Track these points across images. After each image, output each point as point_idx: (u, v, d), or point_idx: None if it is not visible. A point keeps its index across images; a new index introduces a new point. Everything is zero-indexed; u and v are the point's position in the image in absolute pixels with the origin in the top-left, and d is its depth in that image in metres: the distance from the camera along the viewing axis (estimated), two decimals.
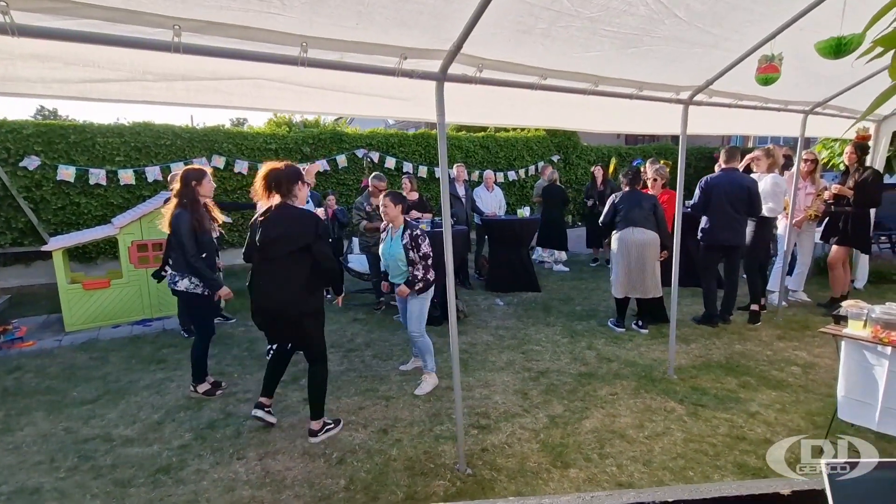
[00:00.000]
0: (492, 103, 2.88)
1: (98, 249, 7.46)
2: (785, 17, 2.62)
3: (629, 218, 4.58)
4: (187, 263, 3.34)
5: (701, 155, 13.88)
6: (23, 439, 3.06)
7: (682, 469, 2.61)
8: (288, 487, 2.54)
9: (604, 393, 3.51)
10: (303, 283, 2.79)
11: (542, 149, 11.59)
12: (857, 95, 4.10)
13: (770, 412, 3.18)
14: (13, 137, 6.80)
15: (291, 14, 1.84)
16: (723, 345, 4.40)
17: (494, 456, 2.77)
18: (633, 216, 4.57)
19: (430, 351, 3.67)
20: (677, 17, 2.36)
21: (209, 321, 3.64)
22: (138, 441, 3.02)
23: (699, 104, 3.41)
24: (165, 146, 7.75)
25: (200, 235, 3.36)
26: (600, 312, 5.46)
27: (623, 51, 2.59)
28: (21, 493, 2.54)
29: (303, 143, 8.87)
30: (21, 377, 4.03)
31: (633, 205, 4.61)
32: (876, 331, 2.48)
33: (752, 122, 4.33)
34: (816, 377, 3.69)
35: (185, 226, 3.29)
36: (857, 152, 5.08)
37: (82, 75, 1.89)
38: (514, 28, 2.21)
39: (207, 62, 1.94)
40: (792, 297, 5.64)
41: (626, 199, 4.67)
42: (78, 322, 5.21)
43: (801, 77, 3.43)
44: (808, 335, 4.56)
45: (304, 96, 2.37)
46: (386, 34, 2.07)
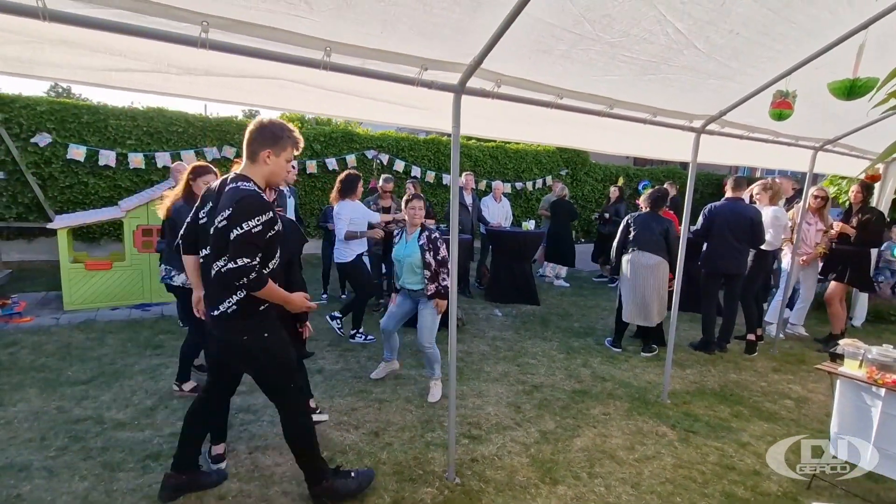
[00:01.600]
0: (508, 118, 2.90)
1: (102, 230, 7.50)
2: (801, 55, 2.65)
3: (639, 241, 4.58)
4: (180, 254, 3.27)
5: (708, 181, 13.94)
6: (14, 415, 3.07)
7: (671, 494, 2.61)
8: (276, 483, 2.55)
9: (596, 412, 3.51)
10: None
11: (550, 162, 11.64)
12: (868, 135, 4.12)
13: (761, 444, 3.18)
14: (27, 113, 6.85)
15: (317, 18, 1.87)
16: (718, 372, 4.40)
17: (484, 467, 2.78)
18: (643, 239, 4.56)
19: (439, 360, 3.66)
20: (696, 48, 2.39)
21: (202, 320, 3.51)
22: (130, 425, 3.03)
23: (711, 133, 3.43)
24: (177, 133, 7.80)
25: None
26: (598, 330, 5.46)
27: (640, 77, 2.62)
28: (10, 469, 2.55)
29: (314, 140, 8.92)
30: (17, 353, 4.04)
31: (645, 227, 4.60)
32: (871, 371, 2.49)
33: (762, 154, 4.36)
34: (809, 412, 3.69)
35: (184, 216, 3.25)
36: (863, 192, 5.11)
37: (107, 63, 1.92)
38: (534, 47, 2.24)
39: (230, 59, 1.96)
40: (790, 330, 5.65)
41: (640, 221, 4.67)
42: (77, 301, 5.23)
43: (813, 113, 3.46)
44: (803, 369, 4.56)
45: (323, 99, 2.40)
46: (408, 44, 2.10)
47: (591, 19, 2.10)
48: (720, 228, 4.61)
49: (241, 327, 2.15)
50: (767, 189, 4.95)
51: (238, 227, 1.97)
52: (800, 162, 4.58)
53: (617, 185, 8.48)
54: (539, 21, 2.06)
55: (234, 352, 2.24)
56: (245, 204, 2.00)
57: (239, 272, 1.96)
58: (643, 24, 2.17)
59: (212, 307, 2.17)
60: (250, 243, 1.99)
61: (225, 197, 2.08)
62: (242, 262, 1.96)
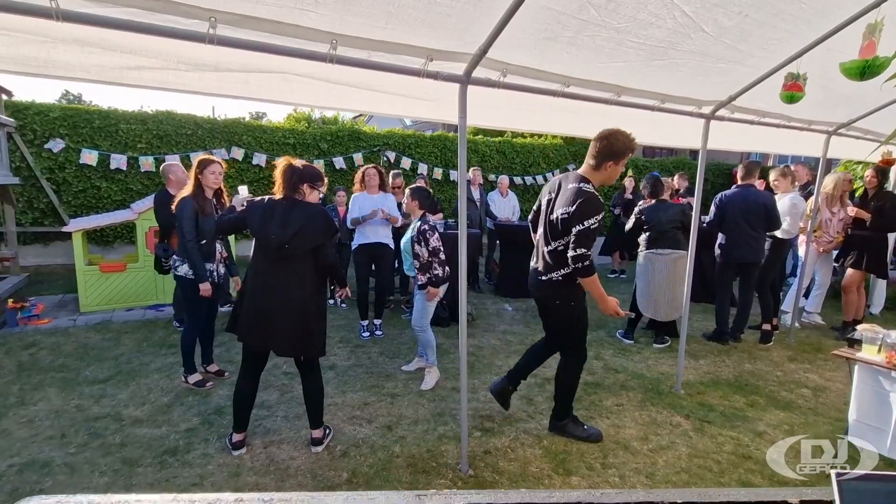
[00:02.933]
0: (514, 108, 2.90)
1: (116, 233, 7.62)
2: (812, 36, 2.61)
3: (654, 237, 4.54)
4: (182, 247, 3.32)
5: (719, 171, 13.76)
6: (36, 414, 3.14)
7: (686, 484, 2.59)
8: (291, 476, 2.57)
9: (609, 403, 3.49)
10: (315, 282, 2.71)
11: (558, 157, 11.58)
12: (883, 118, 4.05)
13: (777, 433, 3.14)
14: (40, 120, 6.98)
15: (323, 11, 1.88)
16: (732, 363, 4.35)
17: (497, 459, 2.78)
18: (658, 234, 4.51)
19: (432, 346, 3.70)
20: (704, 31, 2.36)
21: (200, 311, 3.54)
22: (147, 422, 3.08)
23: (721, 119, 3.39)
24: (186, 135, 7.89)
25: (202, 221, 3.33)
26: (609, 323, 5.42)
27: (648, 62, 2.59)
28: (32, 465, 2.60)
29: (321, 140, 8.96)
30: (36, 353, 4.12)
31: (658, 220, 4.53)
32: (890, 356, 2.45)
33: (773, 140, 4.29)
34: (826, 400, 3.64)
35: (187, 210, 3.29)
36: (878, 176, 5.02)
37: (119, 62, 1.95)
38: (539, 35, 2.23)
39: (238, 54, 1.98)
40: (806, 318, 5.57)
41: (652, 212, 4.62)
42: (93, 303, 5.31)
43: (825, 96, 3.40)
44: (820, 358, 4.50)
45: (330, 92, 2.41)
46: (413, 35, 2.10)
47: (596, 4, 2.08)
48: (733, 217, 4.53)
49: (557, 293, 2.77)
50: (787, 175, 4.88)
51: (581, 223, 2.49)
52: (813, 147, 4.51)
53: (630, 176, 8.30)
54: (544, 8, 2.05)
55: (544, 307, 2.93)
56: (585, 206, 2.49)
57: (579, 258, 2.52)
58: (649, 7, 2.15)
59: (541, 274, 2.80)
60: (589, 237, 2.51)
61: (568, 193, 2.59)
62: (581, 251, 2.51)
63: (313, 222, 2.63)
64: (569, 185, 2.64)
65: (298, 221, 2.59)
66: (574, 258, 2.52)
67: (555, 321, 2.96)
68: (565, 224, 2.56)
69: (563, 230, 2.59)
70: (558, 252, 2.66)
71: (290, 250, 2.58)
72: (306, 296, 2.66)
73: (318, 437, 2.84)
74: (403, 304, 5.76)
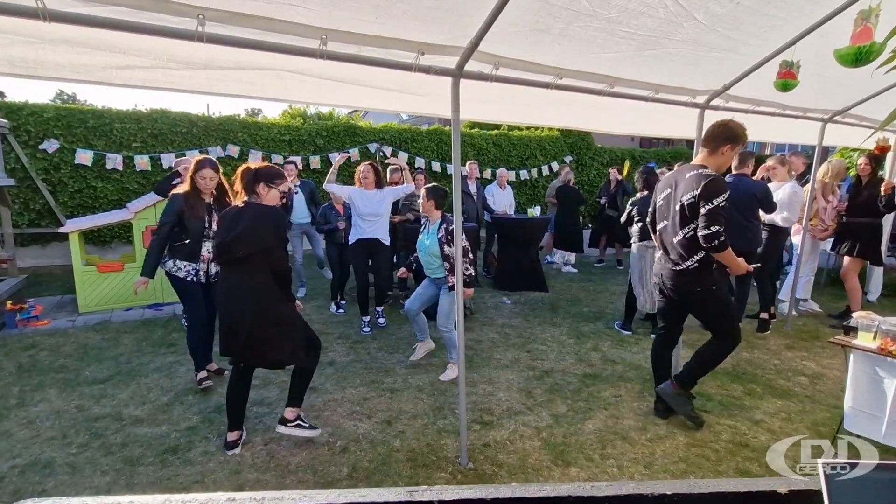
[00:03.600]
0: (507, 101, 2.89)
1: (113, 233, 7.59)
2: (805, 23, 2.60)
3: (646, 230, 4.53)
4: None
5: None
6: (36, 415, 3.15)
7: (684, 473, 2.61)
8: (292, 472, 2.59)
9: (607, 394, 3.51)
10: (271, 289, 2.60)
11: (555, 149, 11.54)
12: (878, 104, 4.03)
13: (775, 421, 3.16)
14: (34, 120, 6.94)
15: (312, 6, 1.86)
16: None
17: (496, 451, 2.80)
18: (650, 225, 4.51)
19: (455, 344, 3.71)
20: (696, 20, 2.35)
21: (193, 307, 3.50)
22: (147, 421, 3.09)
23: (716, 109, 3.38)
24: (181, 133, 7.85)
25: (188, 221, 3.31)
26: (607, 314, 5.45)
27: (640, 52, 2.58)
28: (34, 465, 2.61)
29: (316, 136, 8.93)
30: (36, 355, 4.13)
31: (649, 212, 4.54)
32: (886, 343, 2.46)
33: (769, 128, 4.28)
34: (824, 388, 3.66)
35: (172, 206, 3.29)
36: (872, 163, 5.02)
37: (108, 61, 1.94)
38: (531, 27, 2.22)
39: (228, 52, 1.97)
40: (803, 307, 5.59)
41: (644, 204, 4.60)
42: (92, 303, 5.31)
43: (821, 84, 3.39)
44: (817, 345, 4.52)
45: (322, 88, 2.40)
46: (404, 29, 2.09)
47: None
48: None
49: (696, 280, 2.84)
50: (784, 163, 4.87)
51: (709, 202, 2.60)
52: (809, 135, 4.50)
53: (617, 168, 8.30)
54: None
55: (688, 299, 2.96)
56: (711, 186, 2.61)
57: (713, 236, 2.62)
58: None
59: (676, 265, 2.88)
60: (718, 215, 2.61)
61: (689, 180, 2.72)
62: (714, 229, 2.61)
63: (259, 224, 2.54)
64: (687, 175, 2.78)
65: (243, 223, 2.52)
66: (707, 237, 2.63)
67: (703, 309, 3.01)
68: (693, 208, 2.68)
69: (692, 215, 2.71)
70: (687, 239, 2.78)
71: (230, 253, 2.54)
72: (259, 303, 2.57)
73: (286, 417, 2.78)
74: (402, 299, 5.76)
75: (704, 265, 2.80)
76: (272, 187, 2.64)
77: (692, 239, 2.75)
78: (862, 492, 0.67)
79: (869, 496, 0.67)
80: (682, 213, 2.75)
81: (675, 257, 2.88)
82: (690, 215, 2.72)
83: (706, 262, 2.79)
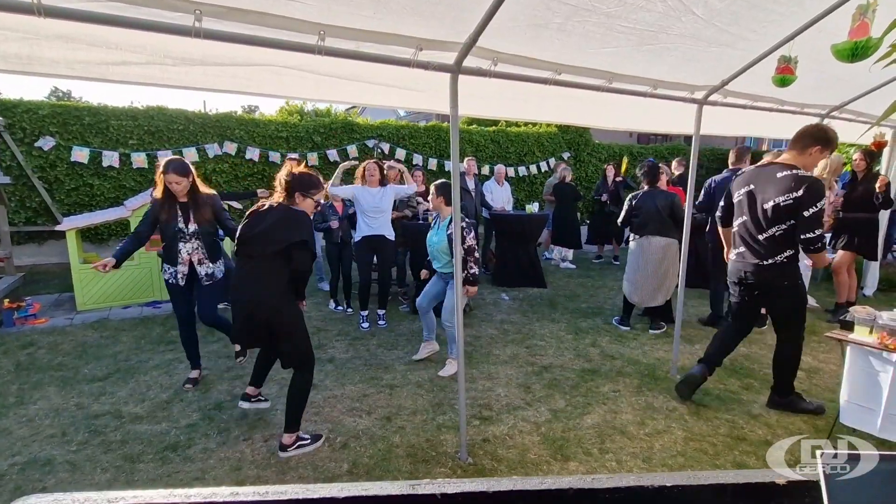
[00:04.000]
0: (506, 97, 2.88)
1: (110, 231, 7.57)
2: (804, 18, 2.60)
3: (645, 225, 4.54)
4: None
5: (714, 156, 13.74)
6: (36, 413, 3.14)
7: (682, 467, 2.63)
8: (292, 469, 2.60)
9: (606, 389, 3.53)
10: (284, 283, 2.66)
11: (553, 145, 11.53)
12: (875, 100, 4.04)
13: (772, 414, 3.18)
14: (29, 118, 6.89)
15: (309, 1, 1.85)
16: None
17: (495, 446, 2.81)
18: (650, 222, 4.51)
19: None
20: (695, 14, 2.35)
21: (175, 307, 3.51)
22: (147, 419, 3.09)
23: (714, 104, 3.38)
24: (178, 131, 7.81)
25: (161, 226, 3.31)
26: (606, 310, 5.46)
27: (638, 48, 2.58)
28: (34, 463, 2.61)
29: (314, 132, 8.90)
30: (34, 353, 4.12)
31: (649, 208, 4.53)
32: (882, 337, 2.48)
33: (767, 124, 4.28)
34: (820, 382, 3.68)
35: (151, 213, 3.34)
36: (867, 159, 5.04)
37: (104, 57, 1.92)
38: (529, 22, 2.21)
39: (225, 48, 1.96)
40: None
41: (644, 199, 4.61)
42: (89, 301, 5.30)
43: (818, 79, 3.39)
44: (813, 340, 4.53)
45: (320, 84, 2.39)
46: (402, 24, 2.08)
47: None
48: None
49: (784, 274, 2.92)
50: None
51: (813, 205, 2.65)
52: None
53: (612, 164, 8.31)
54: None
55: (775, 293, 3.01)
56: (813, 189, 2.67)
57: (817, 240, 2.69)
58: None
59: (763, 259, 2.95)
60: (821, 218, 2.69)
61: (785, 181, 2.76)
62: (818, 232, 2.69)
63: (280, 226, 2.59)
64: (777, 175, 2.82)
65: (265, 224, 2.61)
66: (812, 240, 2.68)
67: (783, 302, 3.04)
68: (791, 209, 2.74)
69: (788, 216, 2.77)
70: (776, 237, 2.86)
71: (248, 249, 2.64)
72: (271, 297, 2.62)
73: (284, 443, 2.70)
74: (401, 295, 5.77)
75: (792, 260, 2.90)
76: (307, 197, 2.75)
77: (779, 238, 2.84)
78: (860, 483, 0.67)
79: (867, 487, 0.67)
80: (776, 211, 2.80)
81: (763, 251, 2.93)
82: (786, 216, 2.78)
83: (794, 258, 2.89)
